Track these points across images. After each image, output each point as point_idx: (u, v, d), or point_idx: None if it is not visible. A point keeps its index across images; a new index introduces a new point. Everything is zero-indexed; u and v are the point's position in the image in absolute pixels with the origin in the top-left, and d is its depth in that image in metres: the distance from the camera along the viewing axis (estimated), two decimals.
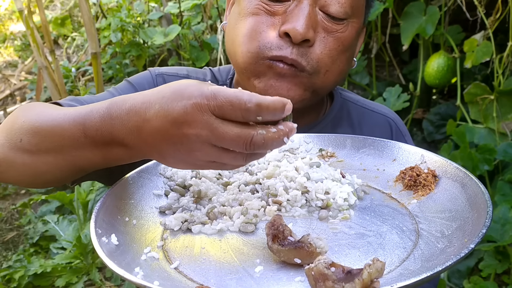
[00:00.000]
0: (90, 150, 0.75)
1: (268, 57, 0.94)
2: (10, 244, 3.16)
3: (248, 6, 0.97)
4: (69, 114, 0.77)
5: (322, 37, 0.95)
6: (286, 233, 0.66)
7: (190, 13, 3.46)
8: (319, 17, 0.94)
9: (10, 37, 5.28)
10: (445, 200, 0.78)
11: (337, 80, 1.02)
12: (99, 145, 0.74)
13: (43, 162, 0.80)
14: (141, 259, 0.68)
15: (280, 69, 0.94)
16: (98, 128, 0.73)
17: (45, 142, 0.79)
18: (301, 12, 0.92)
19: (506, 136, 2.32)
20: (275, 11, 0.95)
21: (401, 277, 0.61)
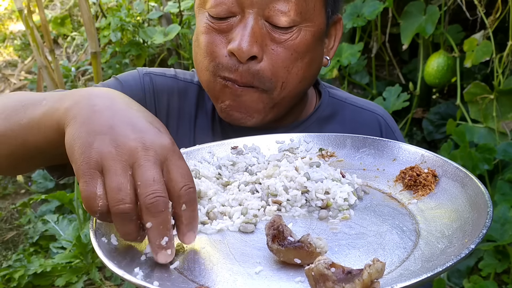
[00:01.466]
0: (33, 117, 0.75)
1: (221, 77, 0.95)
2: (10, 244, 3.16)
3: (199, 24, 0.97)
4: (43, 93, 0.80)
5: (271, 49, 0.92)
6: (286, 233, 0.66)
7: (189, 13, 3.46)
8: (265, 30, 0.92)
9: (10, 36, 5.28)
10: (445, 200, 0.77)
11: (298, 89, 0.99)
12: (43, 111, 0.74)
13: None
14: (141, 259, 0.67)
15: (235, 90, 0.94)
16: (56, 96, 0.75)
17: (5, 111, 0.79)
18: (245, 29, 0.90)
19: (506, 135, 2.32)
20: (221, 28, 0.93)
21: (401, 278, 0.61)
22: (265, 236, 0.67)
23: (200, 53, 0.97)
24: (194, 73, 1.16)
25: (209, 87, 0.98)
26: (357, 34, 2.81)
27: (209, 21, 0.94)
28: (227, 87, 0.95)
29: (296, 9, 0.90)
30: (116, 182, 0.60)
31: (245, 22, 0.91)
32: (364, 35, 2.90)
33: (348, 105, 1.15)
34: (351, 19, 2.61)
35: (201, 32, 0.96)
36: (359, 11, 2.61)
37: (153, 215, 0.61)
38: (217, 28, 0.93)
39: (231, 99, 0.96)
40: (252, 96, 0.95)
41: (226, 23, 0.92)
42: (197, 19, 0.99)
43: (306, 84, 1.01)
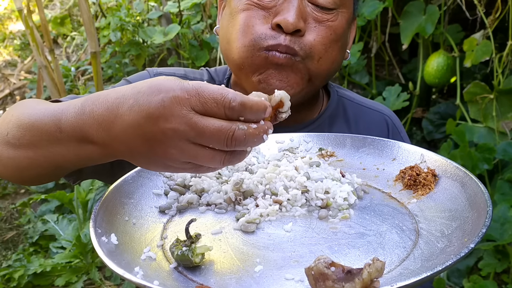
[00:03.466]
0: (65, 146, 0.73)
1: (264, 48, 0.96)
2: (9, 244, 3.15)
3: (238, 4, 0.99)
4: (50, 109, 0.76)
5: (313, 26, 0.98)
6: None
7: (189, 12, 3.46)
8: (308, 9, 0.97)
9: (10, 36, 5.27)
10: (445, 200, 0.78)
11: (331, 69, 1.03)
12: (72, 141, 0.72)
13: (24, 156, 0.79)
14: (141, 259, 0.67)
15: (277, 59, 0.96)
16: (72, 124, 0.71)
17: (26, 136, 0.78)
18: (290, 5, 0.95)
19: (506, 135, 2.32)
20: (265, 5, 0.97)
21: (401, 277, 0.61)
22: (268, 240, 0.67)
23: (237, 30, 0.98)
24: (203, 72, 1.17)
25: (246, 63, 0.98)
26: (357, 33, 2.81)
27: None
28: (267, 59, 0.96)
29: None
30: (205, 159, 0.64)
31: (289, 0, 0.95)
32: (364, 34, 2.90)
33: (356, 104, 1.18)
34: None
35: (241, 10, 0.98)
36: (359, 11, 2.61)
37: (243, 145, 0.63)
38: (261, 5, 0.97)
39: (273, 68, 0.97)
40: (293, 66, 0.97)
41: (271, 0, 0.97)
42: (232, 2, 1.01)
43: (336, 67, 1.05)
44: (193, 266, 0.66)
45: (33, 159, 0.79)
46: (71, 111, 0.72)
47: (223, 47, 1.04)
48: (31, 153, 0.79)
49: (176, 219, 0.79)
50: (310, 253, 0.68)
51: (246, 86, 1.01)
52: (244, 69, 0.99)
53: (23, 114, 0.81)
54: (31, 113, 0.80)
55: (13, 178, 0.88)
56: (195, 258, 0.65)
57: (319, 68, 0.99)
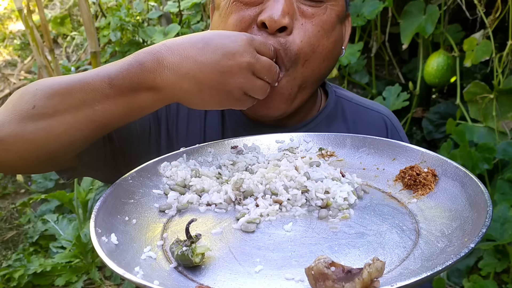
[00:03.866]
0: (114, 101, 0.79)
1: None
2: (9, 243, 3.16)
3: (225, 6, 0.97)
4: (91, 72, 0.82)
5: (301, 24, 0.94)
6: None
7: (189, 12, 3.46)
8: (295, 4, 0.94)
9: (10, 36, 5.28)
10: (445, 199, 0.78)
11: (322, 68, 0.99)
12: (125, 93, 0.79)
13: (60, 122, 0.80)
14: (141, 259, 0.67)
15: None
16: (126, 76, 0.79)
17: (65, 100, 0.80)
18: (277, 1, 0.92)
19: (506, 135, 2.32)
20: (251, 1, 0.94)
21: (401, 277, 0.61)
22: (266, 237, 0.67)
23: None
24: None
25: None
26: (356, 33, 2.81)
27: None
28: None
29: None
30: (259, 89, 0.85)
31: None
32: (364, 34, 2.90)
33: (354, 104, 1.16)
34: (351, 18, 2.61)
35: (229, 12, 0.96)
36: (359, 11, 2.61)
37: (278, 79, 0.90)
38: (248, 2, 0.94)
39: None
40: (278, 86, 0.94)
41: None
42: (221, 4, 0.99)
43: (328, 65, 1.00)
44: (193, 266, 0.66)
45: (72, 123, 0.80)
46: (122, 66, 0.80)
47: None
48: (69, 117, 0.80)
49: (176, 219, 0.79)
50: (310, 253, 0.68)
51: None
52: None
53: (54, 83, 0.82)
54: (65, 80, 0.82)
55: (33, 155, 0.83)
56: (195, 258, 0.65)
57: (307, 72, 0.96)
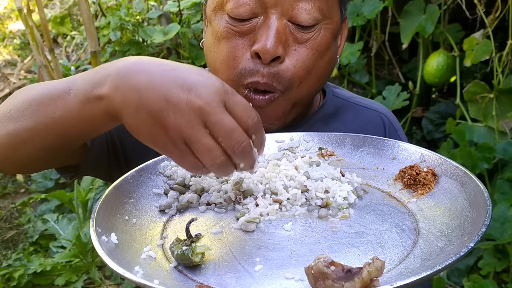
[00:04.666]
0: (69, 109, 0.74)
1: (244, 85, 0.94)
2: (9, 243, 3.16)
3: (218, 28, 0.94)
4: (62, 80, 0.78)
5: (294, 49, 0.93)
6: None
7: (189, 12, 3.46)
8: (288, 30, 0.92)
9: (9, 35, 5.27)
10: (444, 199, 0.78)
11: (316, 87, 1.00)
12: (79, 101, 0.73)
13: (25, 128, 0.78)
14: (141, 258, 0.68)
15: (257, 102, 0.94)
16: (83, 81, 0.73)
17: (31, 106, 0.78)
18: (269, 29, 0.89)
19: (506, 134, 2.32)
20: (243, 31, 0.92)
21: (400, 276, 0.61)
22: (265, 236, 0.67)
23: (221, 60, 0.95)
24: None
25: None
26: (356, 33, 2.81)
27: (230, 24, 0.92)
28: (248, 98, 0.93)
29: (318, 7, 0.91)
30: (203, 146, 0.65)
31: (268, 22, 0.90)
32: (364, 34, 2.90)
33: (351, 104, 1.16)
34: (351, 18, 2.61)
35: (221, 37, 0.93)
36: (359, 10, 2.61)
37: (243, 158, 0.68)
38: (239, 31, 0.92)
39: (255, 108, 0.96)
40: (272, 104, 0.94)
41: (248, 24, 0.91)
42: (213, 23, 0.96)
43: (323, 82, 1.01)
44: (193, 265, 0.66)
45: (34, 130, 0.78)
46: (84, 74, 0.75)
47: (209, 67, 1.01)
48: (32, 123, 0.78)
49: (176, 218, 0.79)
50: (310, 252, 0.68)
51: None
52: None
53: (34, 89, 0.81)
54: (46, 86, 0.80)
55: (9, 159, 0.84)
56: (195, 257, 0.65)
57: (302, 92, 0.96)
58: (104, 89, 0.70)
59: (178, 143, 0.65)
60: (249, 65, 0.92)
